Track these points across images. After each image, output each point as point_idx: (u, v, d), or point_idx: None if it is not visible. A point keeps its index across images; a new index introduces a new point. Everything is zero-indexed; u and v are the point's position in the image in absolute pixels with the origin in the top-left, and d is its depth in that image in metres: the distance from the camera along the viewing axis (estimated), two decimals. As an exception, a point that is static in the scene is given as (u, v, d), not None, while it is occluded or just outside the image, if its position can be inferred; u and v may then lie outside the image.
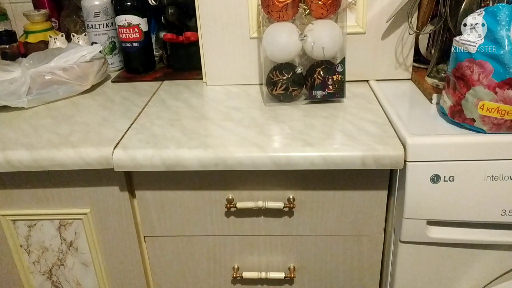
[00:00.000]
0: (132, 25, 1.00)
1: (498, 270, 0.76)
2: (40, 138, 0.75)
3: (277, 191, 0.76)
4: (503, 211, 0.70)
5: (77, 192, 0.77)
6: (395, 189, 0.73)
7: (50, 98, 0.90)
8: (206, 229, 0.80)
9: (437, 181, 0.68)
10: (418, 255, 0.75)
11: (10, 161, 0.71)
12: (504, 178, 0.68)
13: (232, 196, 0.76)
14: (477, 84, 0.64)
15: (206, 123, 0.79)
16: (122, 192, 0.76)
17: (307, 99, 0.85)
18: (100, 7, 1.02)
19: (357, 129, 0.73)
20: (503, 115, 0.64)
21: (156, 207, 0.78)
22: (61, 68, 0.90)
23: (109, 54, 1.07)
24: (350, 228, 0.78)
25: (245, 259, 0.83)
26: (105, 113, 0.85)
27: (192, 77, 1.01)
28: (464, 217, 0.71)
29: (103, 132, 0.77)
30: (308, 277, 0.84)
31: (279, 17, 0.81)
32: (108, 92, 0.96)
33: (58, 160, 0.71)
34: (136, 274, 0.85)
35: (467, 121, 0.67)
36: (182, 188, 0.76)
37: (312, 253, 0.81)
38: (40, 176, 0.76)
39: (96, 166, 0.71)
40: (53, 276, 0.86)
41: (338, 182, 0.74)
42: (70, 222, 0.80)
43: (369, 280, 0.83)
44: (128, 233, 0.80)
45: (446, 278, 0.77)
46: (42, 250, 0.83)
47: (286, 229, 0.79)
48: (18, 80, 0.86)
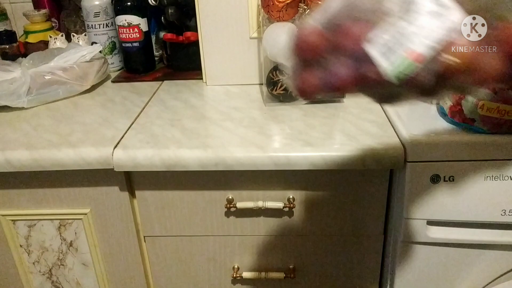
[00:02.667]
0: (132, 25, 1.00)
1: (498, 270, 0.76)
2: (40, 138, 0.75)
3: (277, 191, 0.76)
4: (503, 211, 0.70)
5: (77, 192, 0.77)
6: (395, 189, 0.73)
7: (50, 98, 0.90)
8: (206, 229, 0.80)
9: (437, 181, 0.68)
10: (418, 255, 0.75)
11: (10, 161, 0.71)
12: (504, 178, 0.67)
13: (232, 196, 0.76)
14: (477, 84, 0.64)
15: (206, 123, 0.79)
16: (122, 192, 0.76)
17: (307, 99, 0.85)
18: (100, 7, 1.02)
19: (357, 129, 0.73)
20: (503, 115, 0.64)
21: (156, 207, 0.78)
22: (61, 68, 0.90)
23: (109, 54, 1.07)
24: (350, 228, 0.78)
25: (245, 259, 0.83)
26: (105, 113, 0.85)
27: (192, 77, 1.01)
28: (464, 217, 0.71)
29: (103, 132, 0.77)
30: (308, 277, 0.84)
31: (279, 17, 0.81)
32: (108, 92, 0.96)
33: (58, 160, 0.71)
34: (136, 274, 0.85)
35: (467, 121, 0.67)
36: (182, 188, 0.76)
37: (312, 253, 0.81)
38: (40, 176, 0.76)
39: (96, 166, 0.71)
40: (53, 276, 0.86)
41: (338, 182, 0.74)
42: (70, 222, 0.80)
43: (369, 280, 0.83)
44: (128, 233, 0.80)
45: (446, 278, 0.77)
46: (42, 250, 0.83)
47: (286, 229, 0.79)
48: (18, 80, 0.86)
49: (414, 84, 0.32)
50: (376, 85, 0.32)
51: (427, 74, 0.31)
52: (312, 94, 0.35)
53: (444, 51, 0.31)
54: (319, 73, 0.34)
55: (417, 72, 0.31)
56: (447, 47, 0.31)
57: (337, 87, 0.33)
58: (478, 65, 0.32)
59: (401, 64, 0.31)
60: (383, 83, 0.32)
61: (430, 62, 0.31)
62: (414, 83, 0.32)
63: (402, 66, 0.31)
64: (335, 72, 0.33)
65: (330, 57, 0.33)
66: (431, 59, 0.31)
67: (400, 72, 0.31)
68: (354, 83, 0.33)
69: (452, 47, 0.31)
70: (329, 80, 0.33)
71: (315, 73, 0.34)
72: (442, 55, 0.31)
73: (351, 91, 0.34)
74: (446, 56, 0.31)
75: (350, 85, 0.33)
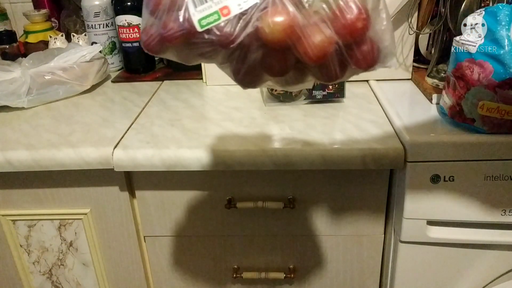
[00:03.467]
0: (132, 25, 1.00)
1: (499, 270, 0.76)
2: (40, 138, 0.75)
3: (277, 191, 0.76)
4: (503, 211, 0.70)
5: (77, 192, 0.77)
6: (395, 189, 0.73)
7: (50, 98, 0.90)
8: (206, 229, 0.80)
9: (437, 181, 0.68)
10: (418, 255, 0.75)
11: (10, 161, 0.71)
12: (504, 178, 0.67)
13: (232, 196, 0.76)
14: (477, 84, 0.64)
15: (206, 123, 0.79)
16: (122, 192, 0.76)
17: (307, 99, 0.85)
18: (100, 7, 1.02)
19: (357, 129, 0.73)
20: (503, 115, 0.64)
21: (156, 207, 0.78)
22: (61, 68, 0.90)
23: (109, 54, 1.07)
24: (350, 228, 0.78)
25: (245, 259, 0.83)
26: (105, 113, 0.85)
27: (192, 77, 1.01)
28: (464, 217, 0.71)
29: (103, 132, 0.77)
30: (308, 277, 0.84)
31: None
32: (108, 92, 0.96)
33: (58, 160, 0.71)
34: (136, 274, 0.84)
35: (467, 121, 0.67)
36: (182, 188, 0.76)
37: (312, 253, 0.81)
38: (40, 176, 0.76)
39: (96, 166, 0.71)
40: (53, 276, 0.86)
41: (338, 182, 0.74)
42: (70, 222, 0.80)
43: (369, 280, 0.83)
44: (128, 233, 0.80)
45: (446, 279, 0.77)
46: (42, 250, 0.83)
47: (286, 229, 0.79)
48: (18, 80, 0.86)
49: (217, 37, 0.32)
50: (189, 34, 0.33)
51: (231, 28, 0.32)
52: (152, 46, 0.37)
53: (254, 13, 0.31)
54: (156, 26, 0.36)
55: (220, 24, 0.32)
56: (259, 10, 0.31)
57: (167, 38, 0.34)
58: (298, 34, 0.31)
59: (206, 12, 0.32)
60: (191, 31, 0.32)
61: (237, 19, 0.31)
62: (217, 35, 0.32)
63: (207, 13, 0.32)
64: (165, 23, 0.34)
65: (166, 10, 0.35)
66: (238, 17, 0.31)
67: (203, 19, 0.32)
68: (179, 35, 0.34)
69: (270, 15, 0.31)
70: (161, 31, 0.35)
71: (154, 26, 0.36)
72: (250, 16, 0.31)
73: (178, 43, 0.34)
74: (254, 18, 0.31)
75: (176, 36, 0.34)
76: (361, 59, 0.33)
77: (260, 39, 0.32)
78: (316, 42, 0.31)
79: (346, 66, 0.34)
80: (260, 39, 0.32)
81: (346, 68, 0.34)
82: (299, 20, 0.31)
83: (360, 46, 0.33)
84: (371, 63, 0.34)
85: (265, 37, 0.31)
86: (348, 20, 0.31)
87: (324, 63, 0.33)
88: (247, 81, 0.36)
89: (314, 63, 0.32)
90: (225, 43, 0.32)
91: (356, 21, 0.32)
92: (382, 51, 0.34)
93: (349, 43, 0.32)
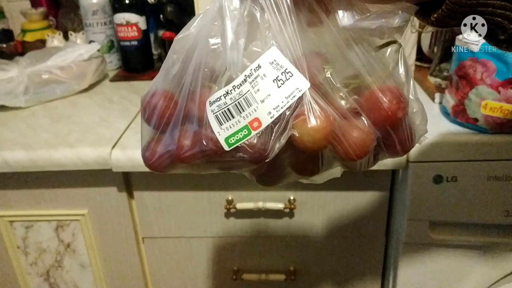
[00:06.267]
0: (130, 24, 0.99)
1: (501, 272, 0.76)
2: (38, 138, 0.75)
3: (277, 192, 0.75)
4: (506, 212, 0.69)
5: (74, 193, 0.76)
6: (397, 189, 0.73)
7: (47, 98, 0.90)
8: (206, 230, 0.79)
9: (440, 181, 0.68)
10: (421, 257, 0.75)
11: (7, 161, 0.71)
12: (507, 178, 0.67)
13: (232, 197, 0.75)
14: (480, 83, 0.64)
15: (206, 122, 0.78)
16: (120, 193, 0.76)
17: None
18: (98, 5, 1.01)
19: (358, 129, 0.73)
20: (506, 115, 0.64)
21: (155, 208, 0.77)
22: (59, 67, 0.89)
23: (107, 53, 1.06)
24: (352, 229, 0.77)
25: (245, 261, 0.82)
26: (103, 113, 0.84)
27: (191, 76, 1.00)
28: (467, 218, 0.70)
29: (101, 132, 0.76)
30: (309, 279, 0.83)
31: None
32: (106, 91, 0.95)
33: (56, 160, 0.70)
34: (135, 275, 0.84)
35: (470, 121, 0.66)
36: (181, 189, 0.75)
37: (313, 254, 0.81)
38: (38, 176, 0.75)
39: (94, 167, 0.71)
40: (50, 278, 0.85)
41: (339, 183, 0.74)
42: (67, 223, 0.79)
43: (371, 282, 0.83)
44: (126, 234, 0.80)
45: (448, 280, 0.77)
46: (39, 251, 0.82)
47: (287, 230, 0.78)
48: (15, 80, 0.85)
49: (249, 154, 0.27)
50: (214, 154, 0.28)
51: (264, 142, 0.27)
52: (161, 168, 0.31)
53: (288, 120, 0.27)
54: (164, 143, 0.30)
55: (251, 140, 0.27)
56: (292, 116, 0.27)
57: (183, 159, 0.29)
58: (338, 135, 0.27)
59: (234, 128, 0.27)
60: (218, 151, 0.27)
61: (269, 130, 0.27)
62: (249, 153, 0.27)
63: (235, 129, 0.27)
64: (180, 142, 0.29)
65: (178, 123, 0.29)
66: (271, 127, 0.27)
67: (231, 136, 0.27)
68: (195, 152, 0.28)
69: (299, 117, 0.27)
70: (175, 151, 0.29)
71: (161, 143, 0.31)
72: (283, 124, 0.27)
73: (197, 162, 0.29)
74: (289, 126, 0.27)
75: (197, 158, 0.29)
76: (399, 147, 0.30)
77: (295, 147, 0.27)
78: (356, 142, 0.28)
79: (379, 154, 0.31)
80: (295, 147, 0.27)
81: (379, 157, 0.31)
82: (337, 120, 0.27)
83: (397, 133, 0.29)
84: (408, 148, 0.31)
85: (303, 145, 0.27)
86: (388, 111, 0.28)
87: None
88: (271, 182, 0.32)
89: (354, 161, 0.29)
90: (259, 160, 0.27)
91: (396, 110, 0.28)
92: (417, 133, 0.31)
93: (387, 133, 0.29)
